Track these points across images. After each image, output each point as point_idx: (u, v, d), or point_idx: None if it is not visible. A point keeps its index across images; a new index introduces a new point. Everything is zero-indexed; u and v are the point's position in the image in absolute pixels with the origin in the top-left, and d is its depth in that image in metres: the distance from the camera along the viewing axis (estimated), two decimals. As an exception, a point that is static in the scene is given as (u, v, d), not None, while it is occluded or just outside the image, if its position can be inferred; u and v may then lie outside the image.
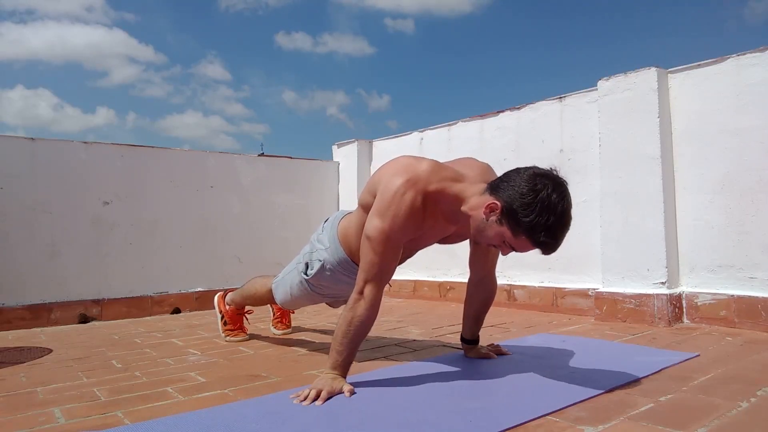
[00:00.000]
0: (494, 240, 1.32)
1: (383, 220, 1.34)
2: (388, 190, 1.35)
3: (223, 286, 3.46)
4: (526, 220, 1.23)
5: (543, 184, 1.24)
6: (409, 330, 2.40)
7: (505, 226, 1.27)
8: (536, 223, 1.22)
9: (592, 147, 2.68)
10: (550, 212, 1.22)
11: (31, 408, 1.41)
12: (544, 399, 1.31)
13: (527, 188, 1.24)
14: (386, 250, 1.35)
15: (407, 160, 1.43)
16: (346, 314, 1.39)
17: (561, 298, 2.77)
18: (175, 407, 1.37)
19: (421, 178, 1.35)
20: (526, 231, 1.24)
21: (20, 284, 2.82)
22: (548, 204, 1.22)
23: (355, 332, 1.39)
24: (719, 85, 2.29)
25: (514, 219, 1.25)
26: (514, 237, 1.27)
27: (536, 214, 1.22)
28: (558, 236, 1.26)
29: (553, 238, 1.25)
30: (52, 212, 2.94)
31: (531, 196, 1.23)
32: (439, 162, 1.45)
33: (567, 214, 1.26)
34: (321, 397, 1.33)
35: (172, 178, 3.35)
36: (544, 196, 1.23)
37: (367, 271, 1.37)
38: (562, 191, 1.26)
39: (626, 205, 2.45)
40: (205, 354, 2.02)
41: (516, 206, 1.24)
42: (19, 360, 2.02)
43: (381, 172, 1.48)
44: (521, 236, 1.26)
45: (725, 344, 1.91)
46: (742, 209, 2.20)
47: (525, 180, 1.26)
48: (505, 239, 1.30)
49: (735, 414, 1.20)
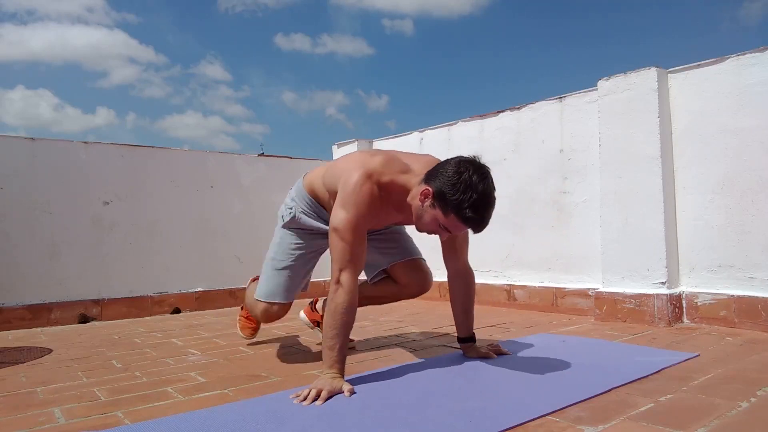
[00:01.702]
0: (431, 224, 1.47)
1: (347, 210, 1.47)
2: (348, 184, 1.49)
3: (223, 286, 3.46)
4: (452, 199, 1.38)
5: (465, 167, 1.41)
6: (409, 330, 2.40)
7: (437, 209, 1.43)
8: (461, 200, 1.37)
9: (592, 147, 2.68)
10: (472, 190, 1.37)
11: (31, 408, 1.41)
12: (544, 399, 1.31)
13: (452, 172, 1.40)
14: (354, 237, 1.47)
15: (361, 155, 1.59)
16: (328, 306, 1.46)
17: (561, 298, 2.77)
18: (175, 407, 1.37)
19: (376, 170, 1.50)
20: (453, 209, 1.39)
21: (20, 284, 2.82)
22: (470, 184, 1.38)
23: (342, 321, 1.44)
24: (719, 85, 2.29)
25: (443, 200, 1.40)
26: (445, 217, 1.42)
27: (461, 193, 1.37)
28: (482, 212, 1.40)
29: (478, 213, 1.39)
30: (52, 212, 2.94)
31: (456, 178, 1.39)
32: (391, 154, 1.59)
33: (489, 192, 1.41)
34: (321, 397, 1.34)
35: (172, 178, 3.35)
36: (466, 177, 1.38)
37: (340, 260, 1.47)
38: (482, 173, 1.41)
39: (626, 205, 2.45)
40: (205, 354, 2.02)
41: (444, 189, 1.40)
42: (19, 360, 2.02)
43: (339, 166, 1.62)
44: (451, 215, 1.41)
45: (725, 344, 1.91)
46: (742, 209, 2.20)
47: (451, 166, 1.42)
48: (439, 221, 1.45)
49: (735, 414, 1.20)
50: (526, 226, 2.99)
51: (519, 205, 3.02)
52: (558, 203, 2.85)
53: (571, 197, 2.79)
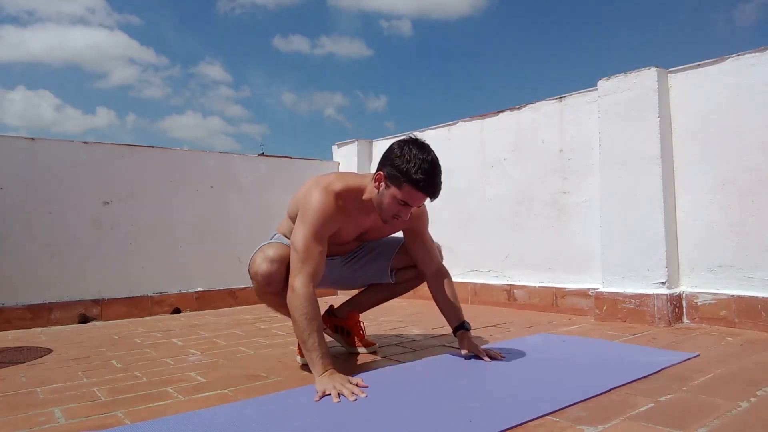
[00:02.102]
0: (391, 205, 1.56)
1: (304, 224, 1.56)
2: (305, 200, 1.61)
3: (223, 286, 3.47)
4: (402, 170, 1.50)
5: (404, 142, 1.56)
6: (409, 330, 2.40)
7: (392, 186, 1.54)
8: (408, 168, 1.49)
9: (592, 147, 2.68)
10: (416, 158, 1.50)
11: (31, 408, 1.41)
12: (544, 399, 1.31)
13: (396, 150, 1.55)
14: (308, 246, 1.54)
15: (315, 177, 1.70)
16: (293, 316, 1.50)
17: (561, 298, 2.77)
18: (175, 407, 1.37)
19: (329, 182, 1.62)
20: (405, 178, 1.50)
21: (20, 284, 2.82)
22: (414, 153, 1.51)
23: (308, 325, 1.48)
24: (719, 85, 2.29)
25: (394, 176, 1.52)
26: (401, 191, 1.52)
27: (406, 161, 1.50)
28: (431, 174, 1.51)
29: (427, 175, 1.50)
30: (52, 212, 2.94)
31: (399, 152, 1.53)
32: (343, 172, 1.78)
33: (432, 159, 1.53)
34: (333, 396, 1.36)
35: (172, 178, 3.35)
36: (407, 150, 1.53)
37: (294, 268, 1.54)
38: (421, 145, 1.55)
39: (626, 205, 2.45)
40: (205, 354, 2.02)
41: (393, 165, 1.53)
42: (19, 360, 2.02)
43: (297, 195, 1.73)
44: (404, 185, 1.51)
45: (725, 344, 1.91)
46: (742, 209, 2.20)
47: (394, 147, 1.57)
48: (397, 198, 1.54)
49: (735, 414, 1.20)
50: (526, 226, 2.99)
51: (519, 205, 3.02)
52: (558, 203, 2.85)
53: (571, 197, 2.79)
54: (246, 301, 3.51)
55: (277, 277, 1.62)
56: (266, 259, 1.62)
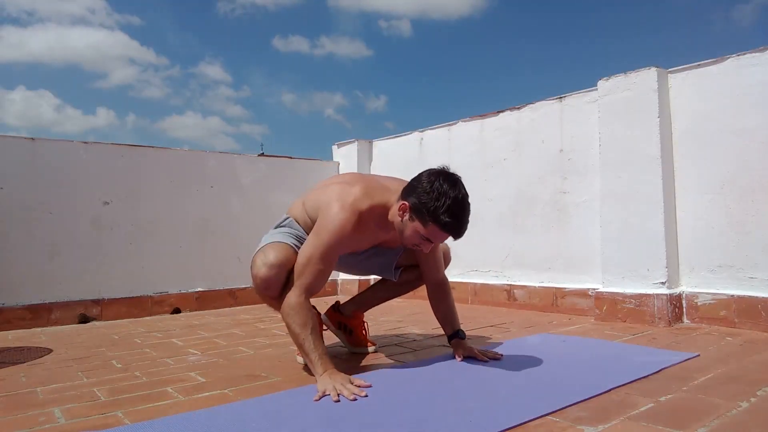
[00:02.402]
0: (413, 237, 1.51)
1: (320, 238, 1.52)
2: (326, 214, 1.55)
3: (223, 286, 3.47)
4: (429, 209, 1.44)
5: (436, 176, 1.47)
6: (409, 330, 2.40)
7: (416, 220, 1.48)
8: (436, 208, 1.43)
9: (592, 147, 2.68)
10: (445, 197, 1.43)
11: (31, 408, 1.41)
12: (544, 399, 1.31)
13: (425, 183, 1.47)
14: (316, 264, 1.51)
15: (341, 187, 1.60)
16: (286, 322, 1.52)
17: (561, 298, 2.77)
18: (175, 407, 1.37)
19: (356, 199, 1.54)
20: (431, 217, 1.44)
21: (20, 284, 2.82)
22: (443, 191, 1.43)
23: (302, 330, 1.49)
24: (719, 85, 2.29)
25: (420, 211, 1.46)
26: (425, 227, 1.47)
27: (435, 200, 1.43)
28: (459, 216, 1.44)
29: (455, 218, 1.43)
30: (52, 212, 2.94)
31: (428, 187, 1.45)
32: (368, 181, 1.65)
33: (461, 198, 1.46)
34: (333, 395, 1.36)
35: (172, 178, 3.35)
36: (437, 185, 1.44)
37: (297, 277, 1.53)
38: (453, 181, 1.47)
39: (626, 205, 2.45)
40: (205, 354, 2.02)
41: (419, 200, 1.46)
42: (19, 360, 2.02)
43: (320, 198, 1.65)
44: (429, 224, 1.45)
45: (725, 344, 1.91)
46: (742, 209, 2.20)
47: (423, 179, 1.49)
48: (420, 233, 1.49)
49: (735, 414, 1.20)
50: (526, 226, 2.99)
51: (519, 205, 3.02)
52: (558, 203, 2.85)
53: (571, 197, 2.79)
54: (246, 301, 3.51)
55: (275, 283, 1.59)
56: (266, 264, 1.58)
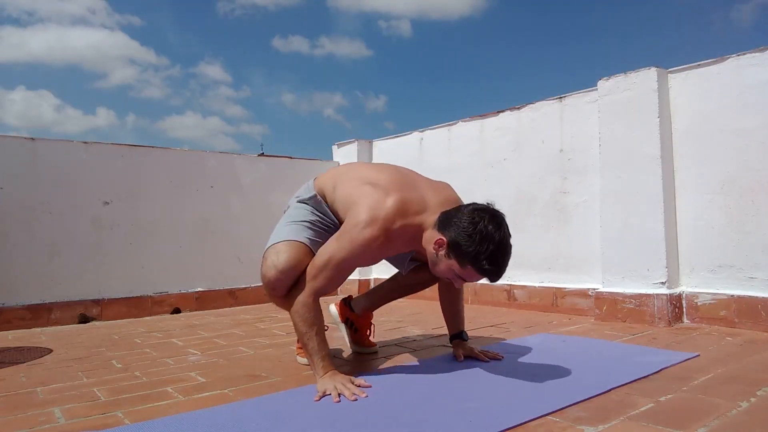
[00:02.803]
0: (446, 273, 1.43)
1: (340, 246, 1.45)
2: (352, 224, 1.45)
3: (223, 286, 3.46)
4: (469, 251, 1.34)
5: (480, 217, 1.36)
6: (409, 330, 2.40)
7: (453, 259, 1.39)
8: (478, 252, 1.34)
9: (592, 147, 2.68)
10: (489, 241, 1.33)
11: (31, 408, 1.41)
12: (544, 399, 1.31)
13: (467, 222, 1.36)
14: (332, 272, 1.47)
15: (376, 194, 1.47)
16: (293, 320, 1.51)
17: (561, 298, 2.77)
18: (175, 407, 1.37)
19: (387, 217, 1.43)
20: (470, 261, 1.35)
21: (20, 284, 2.82)
22: (486, 234, 1.34)
23: (308, 329, 1.48)
24: (719, 85, 2.29)
25: (458, 252, 1.36)
26: (462, 268, 1.38)
27: (477, 244, 1.33)
28: (500, 263, 1.36)
29: (496, 264, 1.36)
30: (52, 212, 2.94)
31: (471, 229, 1.34)
32: (407, 188, 1.52)
33: (505, 242, 1.37)
34: (333, 396, 1.36)
35: (172, 178, 3.35)
36: (482, 227, 1.34)
37: (310, 279, 1.49)
38: (498, 222, 1.37)
39: (626, 205, 2.45)
40: (205, 354, 2.02)
41: (459, 240, 1.36)
42: (19, 360, 2.02)
43: (353, 194, 1.53)
44: (467, 266, 1.37)
45: (725, 344, 1.91)
46: (742, 209, 2.20)
47: (465, 215, 1.38)
48: (454, 271, 1.41)
49: (735, 414, 1.20)
50: (526, 226, 2.99)
51: (519, 205, 3.02)
52: (558, 203, 2.85)
53: (571, 197, 2.79)
54: (246, 301, 3.51)
55: (282, 286, 1.53)
56: (276, 267, 1.51)
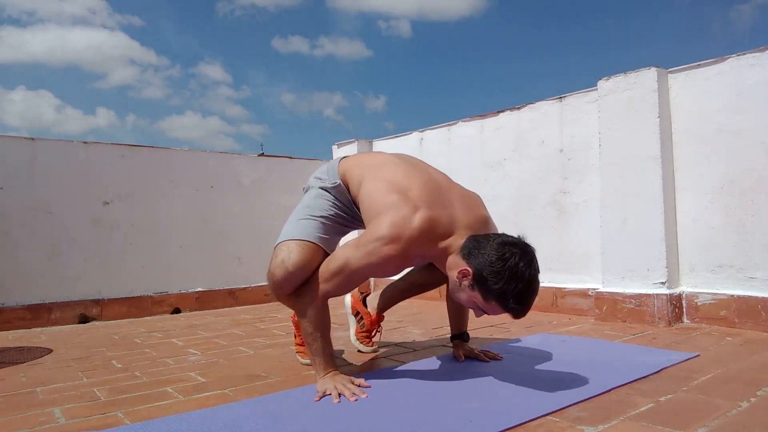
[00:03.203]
0: (467, 303, 1.38)
1: (357, 257, 1.38)
2: (373, 237, 1.36)
3: (223, 286, 3.46)
4: (495, 288, 1.28)
5: (511, 252, 1.29)
6: (409, 330, 2.40)
7: (476, 291, 1.32)
8: (505, 290, 1.27)
9: (592, 147, 2.68)
10: (518, 280, 1.27)
11: (31, 408, 1.41)
12: (544, 399, 1.31)
13: (496, 257, 1.29)
14: (344, 279, 1.42)
15: (402, 209, 1.37)
16: (300, 319, 1.49)
17: (561, 298, 2.77)
18: (175, 407, 1.37)
19: (411, 239, 1.35)
20: (496, 298, 1.29)
21: (20, 284, 2.82)
22: (516, 272, 1.27)
23: (314, 330, 1.46)
24: (719, 85, 2.29)
25: (484, 286, 1.30)
26: (486, 302, 1.32)
27: (505, 282, 1.27)
28: (527, 302, 1.31)
29: (522, 304, 1.30)
30: (53, 212, 2.94)
31: (500, 265, 1.27)
32: (439, 203, 1.43)
33: (534, 281, 1.31)
34: (334, 396, 1.36)
35: (172, 178, 3.35)
36: (512, 264, 1.27)
37: (322, 277, 1.44)
38: (529, 259, 1.30)
39: (626, 205, 2.45)
40: (205, 354, 2.02)
41: (486, 274, 1.29)
42: (19, 360, 2.02)
43: (378, 200, 1.44)
44: (492, 302, 1.31)
45: (725, 344, 1.91)
46: (742, 209, 2.20)
47: (494, 249, 1.30)
48: (477, 303, 1.35)
49: (735, 414, 1.20)
50: (526, 226, 2.98)
51: (519, 205, 3.02)
52: (558, 203, 2.85)
53: (571, 197, 2.79)
54: (246, 301, 3.51)
55: (290, 286, 1.48)
56: (285, 268, 1.44)
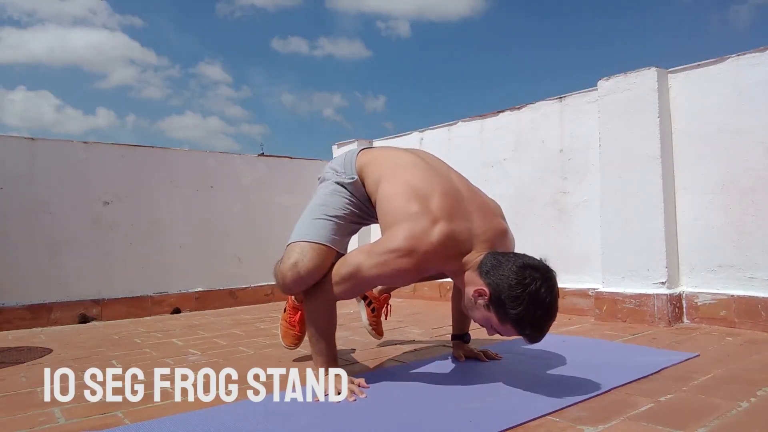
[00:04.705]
0: (480, 321, 1.34)
1: (369, 264, 1.34)
2: (388, 247, 1.31)
3: (224, 286, 3.46)
4: (513, 312, 1.23)
5: (532, 277, 1.23)
6: (409, 330, 2.40)
7: (492, 312, 1.28)
8: (523, 316, 1.23)
9: (592, 147, 2.68)
10: (537, 306, 1.22)
11: (31, 408, 1.41)
12: (544, 399, 1.31)
13: (516, 280, 1.23)
14: (356, 285, 1.41)
15: (420, 220, 1.31)
16: (307, 319, 1.48)
17: (561, 298, 2.74)
18: (175, 407, 1.37)
19: (427, 253, 1.30)
20: (512, 322, 1.25)
21: (20, 284, 2.82)
22: (536, 298, 1.22)
23: (316, 332, 1.46)
24: (719, 85, 2.29)
25: (501, 308, 1.25)
26: (501, 324, 1.28)
27: (524, 308, 1.22)
28: (544, 329, 1.27)
29: (539, 331, 1.27)
30: (53, 212, 2.94)
31: (520, 290, 1.22)
32: (459, 217, 1.35)
33: (554, 306, 1.26)
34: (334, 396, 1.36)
35: (172, 178, 3.35)
36: (533, 290, 1.22)
37: (337, 280, 1.41)
38: (550, 285, 1.25)
39: (626, 205, 2.45)
40: (205, 354, 2.02)
41: (504, 296, 1.24)
42: (19, 360, 2.02)
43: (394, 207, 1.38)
44: (507, 325, 1.27)
45: (725, 344, 1.91)
46: (742, 209, 2.20)
47: (514, 272, 1.24)
48: (491, 324, 1.31)
49: (735, 414, 1.20)
50: (526, 226, 2.98)
51: (519, 205, 3.02)
52: (558, 203, 2.85)
53: (571, 197, 2.79)
54: (246, 301, 3.51)
55: (299, 289, 1.46)
56: (297, 271, 1.40)
